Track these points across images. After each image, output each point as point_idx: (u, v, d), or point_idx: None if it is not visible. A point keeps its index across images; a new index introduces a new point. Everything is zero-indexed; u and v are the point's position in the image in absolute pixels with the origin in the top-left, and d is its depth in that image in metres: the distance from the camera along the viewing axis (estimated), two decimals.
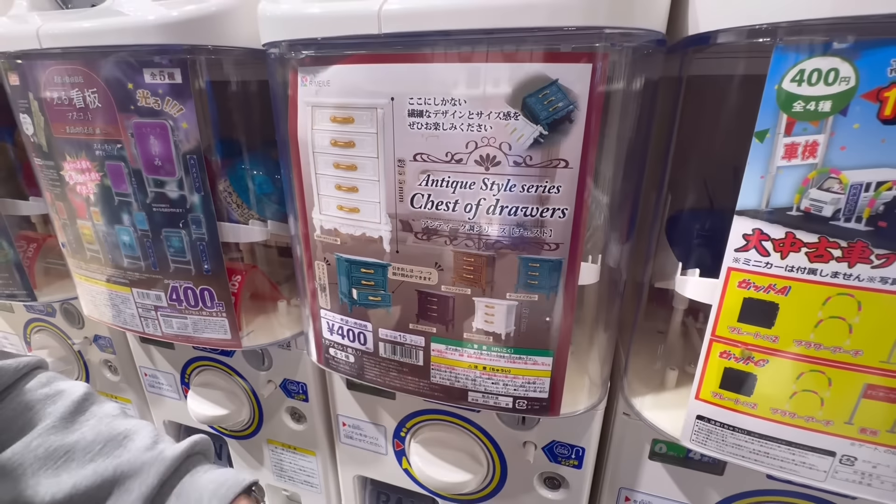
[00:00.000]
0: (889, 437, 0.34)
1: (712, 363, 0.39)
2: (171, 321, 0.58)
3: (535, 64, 0.34)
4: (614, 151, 0.40)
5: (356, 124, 0.40)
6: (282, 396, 0.70)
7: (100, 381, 0.87)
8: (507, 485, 0.61)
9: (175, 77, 0.46)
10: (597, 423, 0.54)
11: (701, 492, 0.52)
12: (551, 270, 0.40)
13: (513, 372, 0.44)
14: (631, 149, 0.41)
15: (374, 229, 0.43)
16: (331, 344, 0.51)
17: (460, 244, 0.40)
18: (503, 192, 0.38)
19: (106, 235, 0.56)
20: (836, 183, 0.30)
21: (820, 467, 0.37)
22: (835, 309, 0.33)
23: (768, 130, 0.31)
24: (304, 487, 0.77)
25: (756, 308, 0.35)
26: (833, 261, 0.32)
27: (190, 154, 0.48)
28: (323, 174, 0.43)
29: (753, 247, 0.34)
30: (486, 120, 0.36)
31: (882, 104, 0.28)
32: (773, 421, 0.37)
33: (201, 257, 0.53)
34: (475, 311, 0.43)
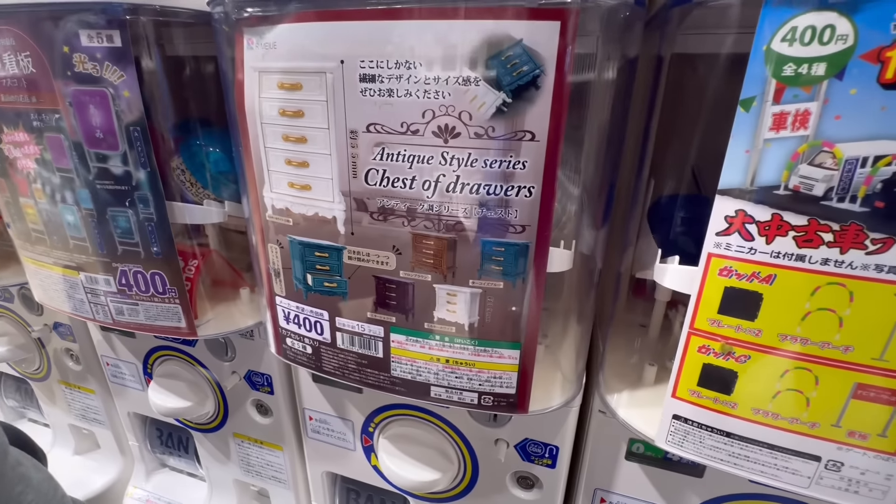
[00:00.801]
0: (879, 441, 0.31)
1: (690, 358, 0.35)
2: (121, 308, 0.55)
3: (497, 21, 0.30)
4: (587, 125, 0.36)
5: (305, 91, 0.36)
6: (247, 388, 0.67)
7: (62, 370, 0.83)
8: (479, 484, 0.58)
9: (114, 40, 0.42)
10: (571, 421, 0.51)
11: (680, 495, 0.49)
12: (517, 255, 0.36)
13: (477, 366, 0.41)
14: (606, 124, 0.37)
15: (327, 209, 0.39)
16: (287, 333, 0.48)
17: (419, 225, 0.37)
18: (463, 167, 0.34)
19: (49, 215, 0.52)
20: (829, 157, 0.27)
21: (804, 473, 0.34)
22: (824, 300, 0.30)
23: (755, 98, 0.28)
24: (272, 483, 0.74)
25: (738, 298, 0.32)
26: (823, 246, 0.29)
27: (133, 126, 0.45)
28: (272, 147, 0.39)
29: (736, 230, 0.31)
30: (444, 86, 0.32)
31: (883, 65, 0.25)
32: (755, 422, 0.34)
33: (150, 239, 0.49)
34: (436, 299, 0.39)
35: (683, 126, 0.39)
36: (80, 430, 0.90)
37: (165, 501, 0.83)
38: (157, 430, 0.84)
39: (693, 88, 0.38)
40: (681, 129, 0.40)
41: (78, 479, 0.88)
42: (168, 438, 0.84)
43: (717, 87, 0.35)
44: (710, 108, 0.36)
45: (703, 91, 0.37)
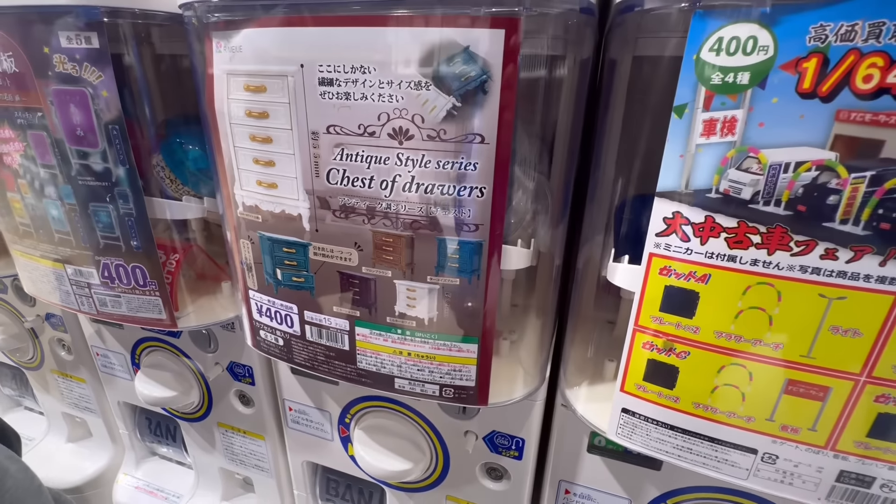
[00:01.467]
0: (810, 434, 0.33)
1: (636, 354, 0.37)
2: (105, 300, 0.57)
3: (445, 28, 0.31)
4: (540, 130, 0.37)
5: (269, 93, 0.37)
6: (229, 379, 0.69)
7: (54, 360, 0.85)
8: (451, 474, 0.60)
9: (92, 41, 0.43)
10: (536, 414, 0.52)
11: (639, 486, 0.50)
12: (471, 253, 0.38)
13: (438, 359, 0.43)
14: (561, 127, 0.39)
15: (292, 206, 0.41)
16: (261, 326, 0.50)
17: (378, 223, 0.38)
18: (418, 167, 0.35)
19: (35, 209, 0.54)
20: (754, 163, 0.28)
21: (742, 465, 0.36)
22: (755, 299, 0.31)
23: (687, 105, 0.29)
24: (255, 471, 0.76)
25: (677, 297, 0.33)
26: (752, 247, 0.30)
27: (112, 124, 0.46)
28: (241, 147, 0.41)
29: (674, 231, 0.32)
30: (398, 90, 0.33)
31: (800, 76, 0.26)
32: (696, 416, 0.36)
33: (130, 233, 0.51)
34: (397, 294, 0.41)
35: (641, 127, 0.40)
36: (72, 418, 0.93)
37: (154, 488, 0.85)
38: (147, 419, 0.87)
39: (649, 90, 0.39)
40: (638, 130, 0.41)
41: (71, 465, 0.91)
42: (157, 427, 0.86)
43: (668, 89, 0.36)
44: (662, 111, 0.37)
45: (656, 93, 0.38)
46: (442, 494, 0.62)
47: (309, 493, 0.74)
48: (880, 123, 0.25)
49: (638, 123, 0.38)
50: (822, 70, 0.25)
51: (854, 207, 0.27)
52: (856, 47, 0.24)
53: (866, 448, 0.32)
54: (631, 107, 0.38)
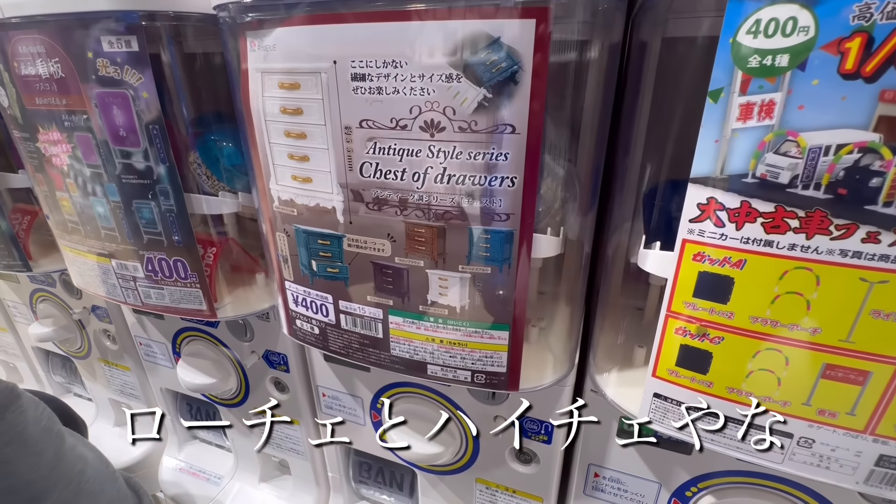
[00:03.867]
0: (848, 419, 0.33)
1: (668, 340, 0.37)
2: (149, 292, 0.59)
3: (475, 20, 0.32)
4: (569, 117, 0.37)
5: (302, 90, 0.38)
6: (265, 367, 0.71)
7: (100, 349, 0.90)
8: (480, 458, 0.62)
9: (132, 45, 0.45)
10: (566, 399, 0.53)
11: (669, 470, 0.51)
12: (503, 242, 0.38)
13: (469, 346, 0.44)
14: (591, 113, 0.39)
15: (327, 199, 0.42)
16: (297, 315, 0.52)
17: (410, 215, 0.39)
18: (449, 159, 0.36)
19: (82, 207, 0.57)
20: (793, 146, 0.28)
21: (777, 449, 0.36)
22: (792, 284, 0.31)
23: (722, 89, 0.29)
24: (291, 454, 0.80)
25: (711, 282, 0.33)
26: (790, 232, 0.30)
27: (152, 124, 0.48)
28: (276, 143, 0.42)
29: (708, 217, 0.32)
30: (429, 83, 0.34)
31: (843, 56, 0.25)
32: (729, 400, 0.36)
33: (171, 229, 0.53)
34: (429, 283, 0.42)
35: (672, 112, 0.40)
36: (119, 404, 0.98)
37: (196, 469, 0.90)
38: (188, 404, 0.91)
39: (681, 73, 0.39)
40: (670, 113, 0.40)
41: (118, 448, 0.96)
42: (197, 412, 0.91)
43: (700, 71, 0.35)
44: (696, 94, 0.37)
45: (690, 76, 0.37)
46: (472, 477, 0.64)
47: (342, 476, 0.77)
48: None
49: (669, 107, 0.37)
50: (866, 50, 0.25)
51: None
52: None
53: None
54: (661, 91, 0.38)
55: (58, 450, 0.40)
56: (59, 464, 0.40)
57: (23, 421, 0.37)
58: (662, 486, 0.52)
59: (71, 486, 0.40)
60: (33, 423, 0.38)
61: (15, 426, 0.37)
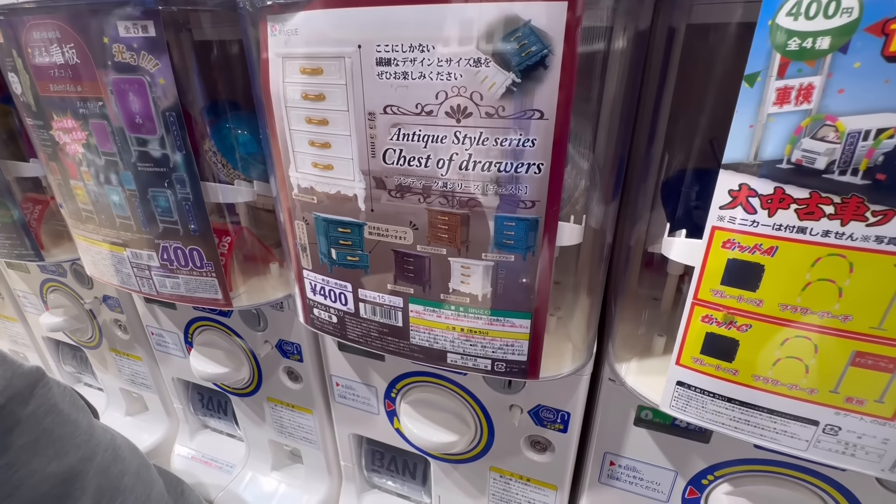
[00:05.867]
0: (876, 406, 0.33)
1: (694, 328, 0.37)
2: (164, 281, 0.59)
3: (505, 3, 0.31)
4: (596, 103, 0.37)
5: (325, 75, 0.38)
6: (278, 356, 0.72)
7: (111, 339, 0.90)
8: (495, 446, 0.62)
9: (149, 30, 0.45)
10: (582, 389, 0.53)
11: (686, 459, 0.51)
12: (527, 230, 0.38)
13: (490, 334, 0.44)
14: (617, 98, 0.38)
15: (348, 187, 0.42)
16: (314, 304, 0.52)
17: (434, 202, 0.39)
18: (475, 145, 0.36)
19: (97, 195, 0.57)
20: (831, 131, 0.28)
21: (802, 436, 0.36)
22: (824, 271, 0.30)
23: (759, 73, 0.28)
24: (303, 443, 0.80)
25: (740, 270, 0.33)
26: (825, 218, 0.29)
27: (169, 111, 0.48)
28: (296, 130, 0.42)
29: (739, 204, 0.32)
30: (456, 68, 0.34)
31: (888, 38, 0.25)
32: (755, 388, 0.36)
33: (188, 217, 0.53)
34: (451, 271, 0.42)
35: (697, 98, 0.39)
36: (130, 393, 0.99)
37: (209, 458, 0.91)
38: (199, 394, 0.91)
39: (708, 60, 0.38)
40: (694, 101, 0.40)
41: (130, 437, 0.96)
42: (209, 402, 0.91)
43: (731, 58, 0.35)
44: (723, 81, 0.36)
45: (717, 62, 0.37)
46: (486, 465, 0.64)
47: (355, 465, 0.78)
48: None
49: (697, 95, 0.37)
50: None
51: None
52: None
53: None
54: (688, 78, 0.37)
55: (90, 420, 0.43)
56: (94, 431, 0.42)
57: (53, 395, 0.40)
58: (678, 474, 0.52)
59: (109, 451, 0.43)
60: (61, 397, 0.40)
61: (49, 399, 0.39)
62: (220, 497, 0.84)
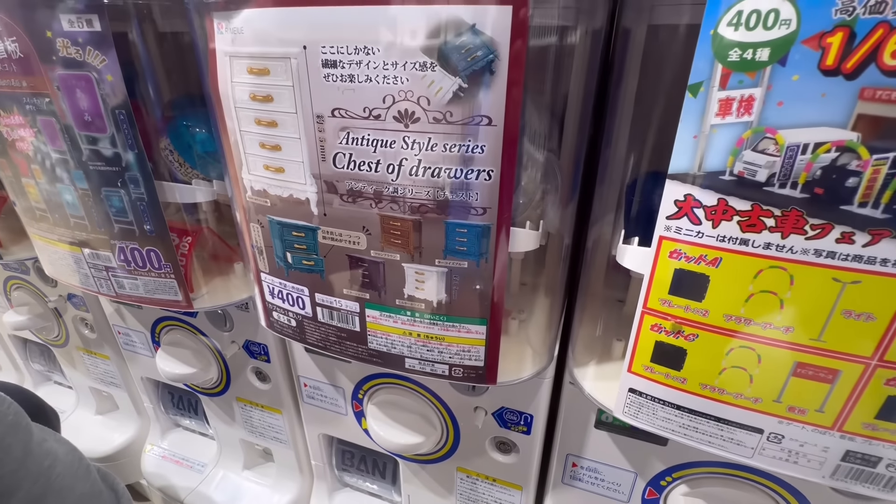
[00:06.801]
0: (817, 416, 0.33)
1: (644, 336, 0.37)
2: (122, 282, 0.58)
3: (449, 6, 0.30)
4: (550, 106, 0.36)
5: (272, 76, 0.37)
6: (245, 357, 0.71)
7: (79, 338, 0.89)
8: (461, 447, 0.62)
9: (94, 24, 0.43)
10: (545, 392, 0.53)
11: (645, 461, 0.51)
12: (479, 236, 0.37)
13: (447, 340, 0.43)
14: (570, 104, 0.38)
15: (300, 190, 0.41)
16: (274, 308, 0.51)
17: (385, 207, 0.38)
18: (424, 151, 0.35)
19: (49, 194, 0.55)
20: (771, 144, 0.27)
21: (748, 444, 0.36)
22: (766, 283, 0.30)
23: (702, 83, 0.28)
24: (274, 443, 0.80)
25: (687, 280, 0.33)
26: (766, 231, 0.29)
27: (119, 109, 0.46)
28: (246, 131, 0.41)
29: (685, 214, 0.31)
30: (402, 71, 0.33)
31: (824, 52, 0.25)
32: (703, 396, 0.36)
33: (143, 218, 0.52)
34: (405, 277, 0.41)
35: (653, 103, 0.39)
36: (100, 392, 0.97)
37: (180, 457, 0.90)
38: (169, 393, 0.90)
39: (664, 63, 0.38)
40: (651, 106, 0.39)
41: (100, 437, 0.96)
42: (179, 401, 0.90)
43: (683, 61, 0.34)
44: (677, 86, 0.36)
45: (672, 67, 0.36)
46: (453, 466, 0.64)
47: (325, 464, 0.77)
48: None
49: (651, 98, 0.36)
50: (847, 45, 0.24)
51: (874, 190, 0.26)
52: (885, 20, 0.23)
53: (874, 429, 0.32)
54: (644, 81, 0.37)
55: (25, 445, 0.39)
56: (27, 459, 0.39)
57: None
58: (638, 475, 0.53)
59: (39, 481, 0.39)
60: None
61: None
62: (191, 497, 0.83)
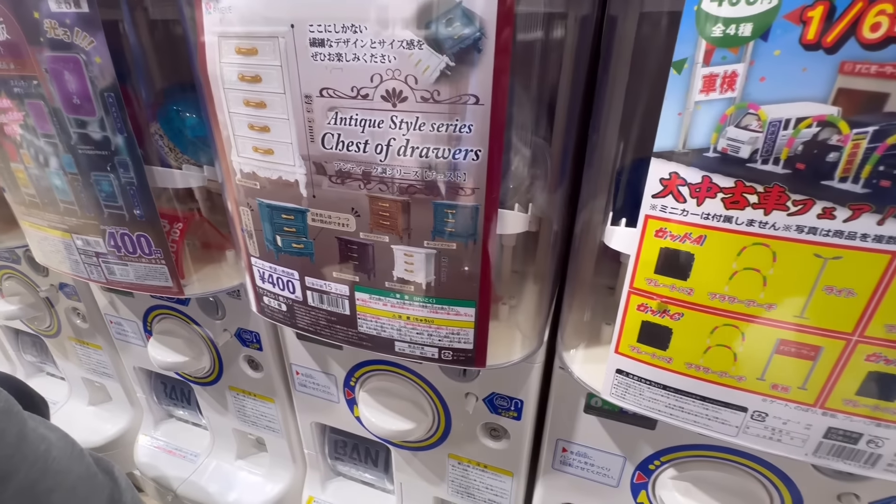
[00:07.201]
0: (800, 393, 0.33)
1: (630, 316, 0.37)
2: (113, 268, 0.58)
3: None
4: (537, 89, 0.36)
5: (260, 56, 0.37)
6: (237, 345, 0.71)
7: (71, 328, 0.88)
8: (453, 434, 0.62)
9: (81, 5, 0.43)
10: (535, 376, 0.53)
11: (634, 445, 0.52)
12: (468, 217, 0.38)
13: (436, 322, 0.43)
14: (559, 88, 0.38)
15: (289, 172, 0.41)
16: (264, 292, 0.51)
17: (374, 188, 0.38)
18: (412, 131, 0.35)
19: (39, 179, 0.55)
20: (754, 120, 0.28)
21: (732, 422, 0.37)
22: (750, 260, 0.31)
23: (686, 60, 0.28)
24: (266, 432, 0.80)
25: (672, 258, 0.33)
26: (749, 207, 0.29)
27: (107, 92, 0.46)
28: (235, 113, 0.41)
29: (670, 192, 0.32)
30: (390, 50, 0.33)
31: (805, 26, 0.25)
32: (688, 376, 0.36)
33: (133, 202, 0.52)
34: (394, 259, 0.41)
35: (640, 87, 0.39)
36: (92, 382, 0.97)
37: (173, 447, 0.90)
38: (162, 383, 0.90)
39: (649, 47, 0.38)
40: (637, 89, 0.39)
41: (93, 427, 0.96)
42: (172, 391, 0.90)
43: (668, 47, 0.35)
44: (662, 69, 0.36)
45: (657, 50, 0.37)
46: (444, 453, 0.65)
47: (318, 453, 0.77)
48: (886, 75, 0.24)
49: (637, 82, 0.36)
50: (827, 19, 0.24)
51: (854, 165, 0.26)
52: None
53: (855, 406, 0.32)
54: (630, 66, 0.37)
55: (20, 430, 0.39)
56: (23, 444, 0.39)
57: None
58: (627, 459, 0.53)
59: (37, 465, 0.40)
60: None
61: None
62: (184, 487, 0.84)
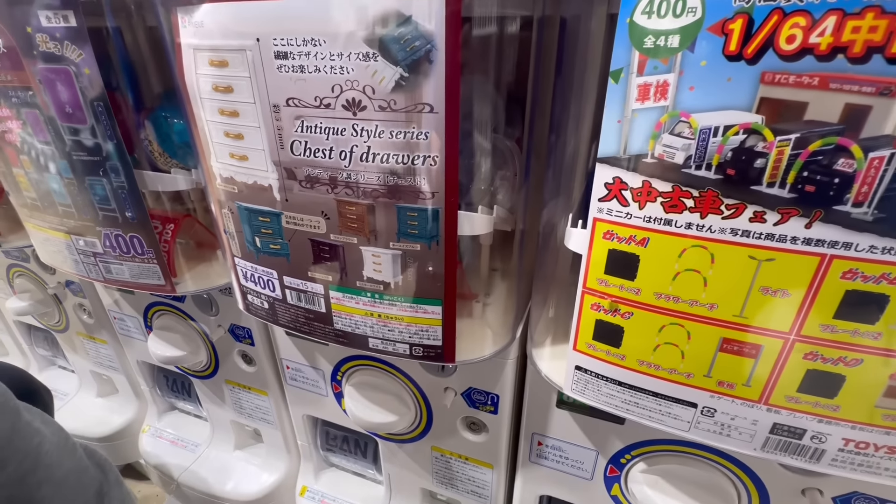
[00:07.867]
0: (745, 390, 0.34)
1: (585, 315, 0.38)
2: (109, 267, 0.61)
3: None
4: (491, 95, 0.38)
5: (231, 67, 0.39)
6: (231, 340, 0.73)
7: (79, 323, 0.92)
8: (434, 427, 0.64)
9: (69, 20, 0.45)
10: (509, 372, 0.55)
11: (605, 439, 0.53)
12: (429, 220, 0.39)
13: (406, 320, 0.45)
14: (522, 88, 0.39)
15: (263, 177, 0.43)
16: (248, 291, 0.53)
17: (341, 192, 0.40)
18: (373, 138, 0.37)
19: (38, 183, 0.58)
20: (686, 127, 0.29)
21: (684, 418, 0.38)
22: (690, 261, 0.32)
23: (622, 70, 0.29)
24: (262, 424, 0.83)
25: (620, 260, 0.34)
26: (686, 211, 0.31)
27: (97, 101, 0.48)
28: (212, 121, 0.43)
29: (615, 196, 0.33)
30: (348, 62, 0.34)
31: (727, 38, 0.26)
32: (641, 372, 0.38)
33: (124, 205, 0.54)
34: (363, 259, 0.43)
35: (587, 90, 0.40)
36: (100, 375, 1.01)
37: (176, 438, 0.94)
38: (165, 376, 0.94)
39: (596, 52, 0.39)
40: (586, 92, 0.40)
41: (100, 418, 1.00)
42: (174, 384, 0.94)
43: None
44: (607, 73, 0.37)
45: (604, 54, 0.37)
46: (428, 445, 0.67)
47: (311, 444, 0.80)
48: (803, 85, 0.25)
49: (588, 86, 0.37)
50: (747, 31, 0.25)
51: (780, 170, 0.27)
52: (779, 7, 0.24)
53: (797, 402, 0.33)
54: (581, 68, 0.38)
55: (13, 424, 0.41)
56: (15, 437, 0.41)
57: None
58: (599, 453, 0.54)
59: (28, 458, 0.41)
60: None
61: None
62: (185, 475, 0.87)
